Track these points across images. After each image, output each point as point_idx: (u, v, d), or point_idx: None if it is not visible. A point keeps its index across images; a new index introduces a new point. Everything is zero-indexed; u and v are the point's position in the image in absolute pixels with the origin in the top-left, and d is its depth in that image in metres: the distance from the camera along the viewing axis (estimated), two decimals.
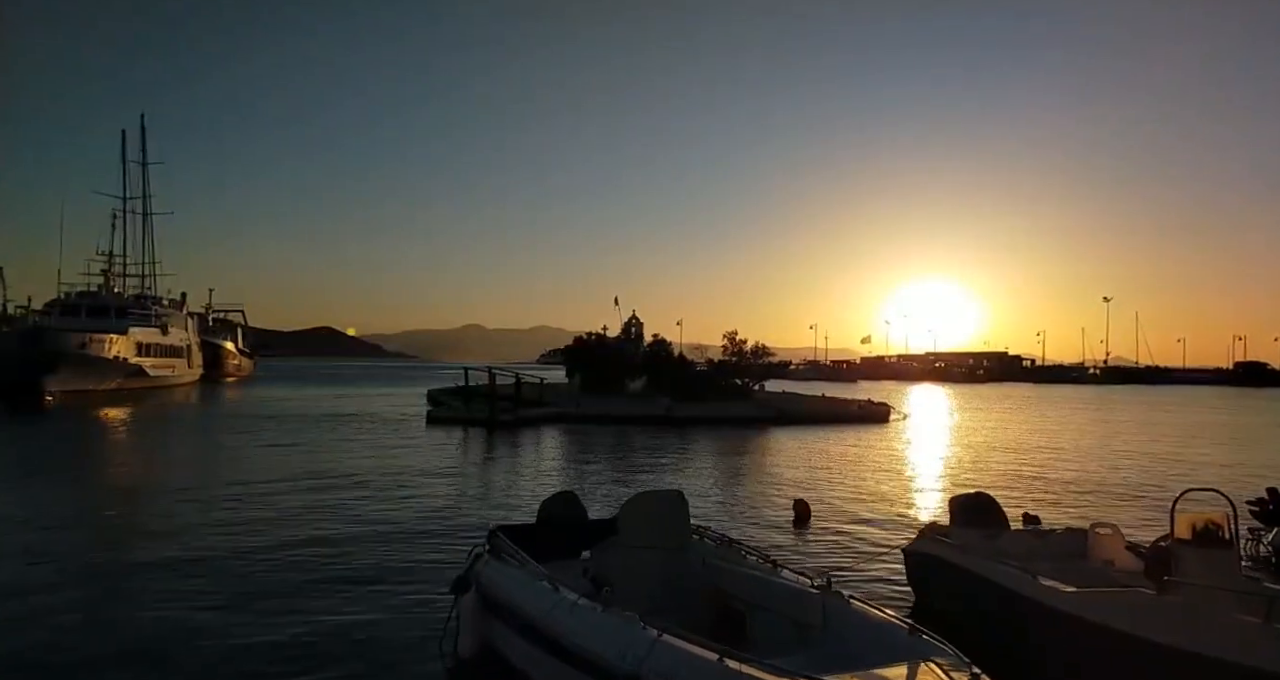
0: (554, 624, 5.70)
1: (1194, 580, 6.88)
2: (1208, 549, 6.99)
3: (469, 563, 7.26)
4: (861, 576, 11.02)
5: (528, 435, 30.41)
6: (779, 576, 6.62)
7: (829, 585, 6.02)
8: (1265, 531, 12.80)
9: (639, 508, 7.08)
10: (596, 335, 49.29)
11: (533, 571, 6.35)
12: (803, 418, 40.08)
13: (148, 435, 31.04)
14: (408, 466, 21.33)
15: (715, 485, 19.43)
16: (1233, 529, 7.15)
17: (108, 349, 49.83)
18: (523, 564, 6.56)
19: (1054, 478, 21.59)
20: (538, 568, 6.33)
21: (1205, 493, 7.88)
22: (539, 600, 5.98)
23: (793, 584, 6.39)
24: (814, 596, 6.02)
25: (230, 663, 7.54)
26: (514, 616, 6.23)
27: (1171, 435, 36.29)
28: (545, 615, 5.80)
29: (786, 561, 11.97)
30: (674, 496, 7.23)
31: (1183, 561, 6.99)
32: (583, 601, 5.66)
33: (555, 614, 5.71)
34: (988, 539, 9.27)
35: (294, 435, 29.12)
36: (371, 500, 16.37)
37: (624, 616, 5.33)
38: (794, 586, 6.34)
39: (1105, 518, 15.47)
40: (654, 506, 7.12)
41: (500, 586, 6.59)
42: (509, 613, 6.33)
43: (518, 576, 6.48)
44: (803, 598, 6.12)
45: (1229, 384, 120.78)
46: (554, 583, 6.02)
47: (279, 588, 10.02)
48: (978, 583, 8.21)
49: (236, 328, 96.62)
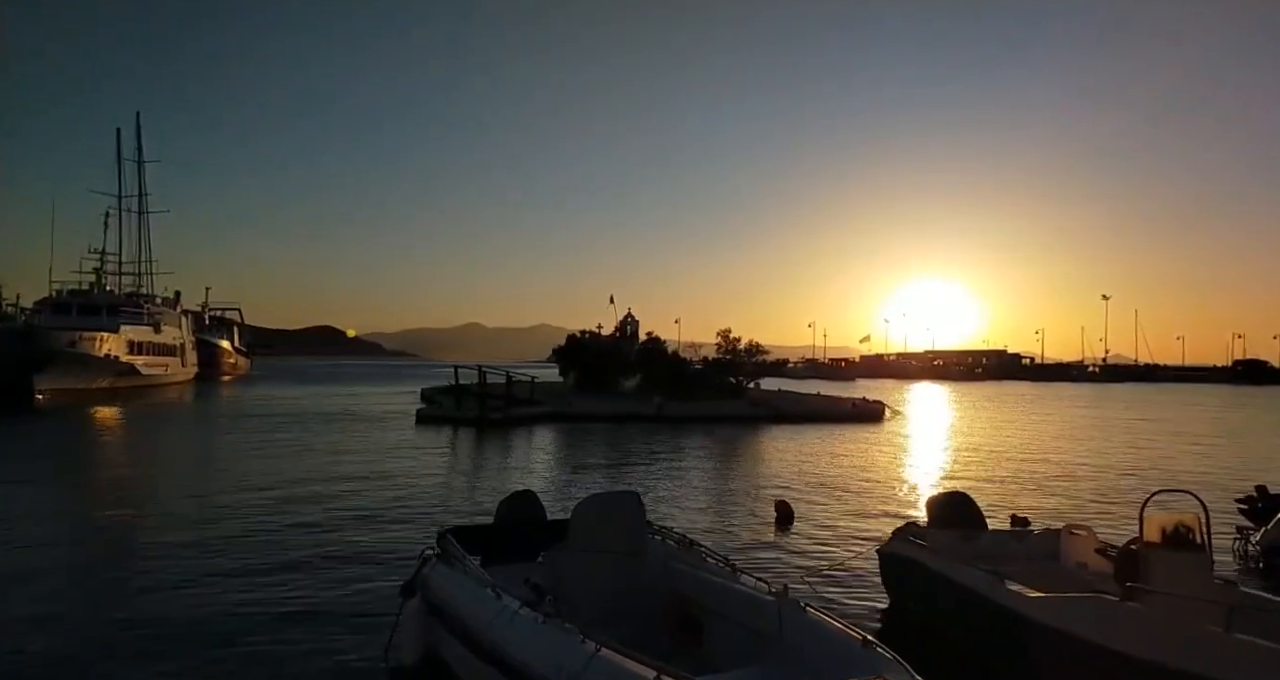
0: (493, 634, 5.47)
1: (1163, 585, 6.65)
2: (1177, 552, 6.76)
3: (417, 566, 7.01)
4: (837, 578, 10.79)
5: (517, 434, 30.15)
6: (737, 582, 6.37)
7: (785, 592, 5.78)
8: (1253, 531, 12.56)
9: (590, 510, 6.78)
10: (590, 333, 49.09)
11: (476, 577, 6.10)
12: (796, 416, 39.83)
13: (129, 435, 30.72)
14: (389, 467, 21.02)
15: (699, 484, 19.19)
16: (1204, 532, 6.91)
17: (98, 347, 49.51)
18: (467, 569, 6.31)
19: (1044, 476, 21.35)
20: (480, 573, 6.08)
21: (1176, 494, 7.64)
22: (480, 608, 5.73)
23: (749, 591, 6.15)
24: (770, 604, 5.78)
25: (166, 661, 7.47)
26: (456, 624, 6.00)
27: (1166, 433, 36.04)
28: (485, 625, 5.56)
29: (764, 564, 11.94)
30: (629, 498, 6.95)
31: (1152, 565, 6.76)
32: (524, 611, 5.42)
33: (495, 624, 5.48)
34: (963, 540, 9.06)
35: (278, 435, 28.86)
36: (342, 501, 16.05)
37: (563, 628, 5.11)
38: (750, 594, 6.11)
39: (1095, 517, 15.42)
40: (606, 509, 6.81)
41: (444, 592, 6.35)
42: (451, 620, 6.09)
43: (461, 582, 6.23)
44: (759, 605, 5.89)
45: (1228, 382, 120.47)
46: (497, 590, 5.76)
47: (222, 589, 9.85)
48: (946, 585, 7.99)
49: (233, 326, 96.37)
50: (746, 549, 12.64)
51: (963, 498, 9.84)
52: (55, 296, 57.82)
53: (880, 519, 15.33)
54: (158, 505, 15.55)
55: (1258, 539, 12.25)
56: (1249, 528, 12.73)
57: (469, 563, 6.35)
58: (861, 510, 16.27)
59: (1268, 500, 12.78)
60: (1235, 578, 11.45)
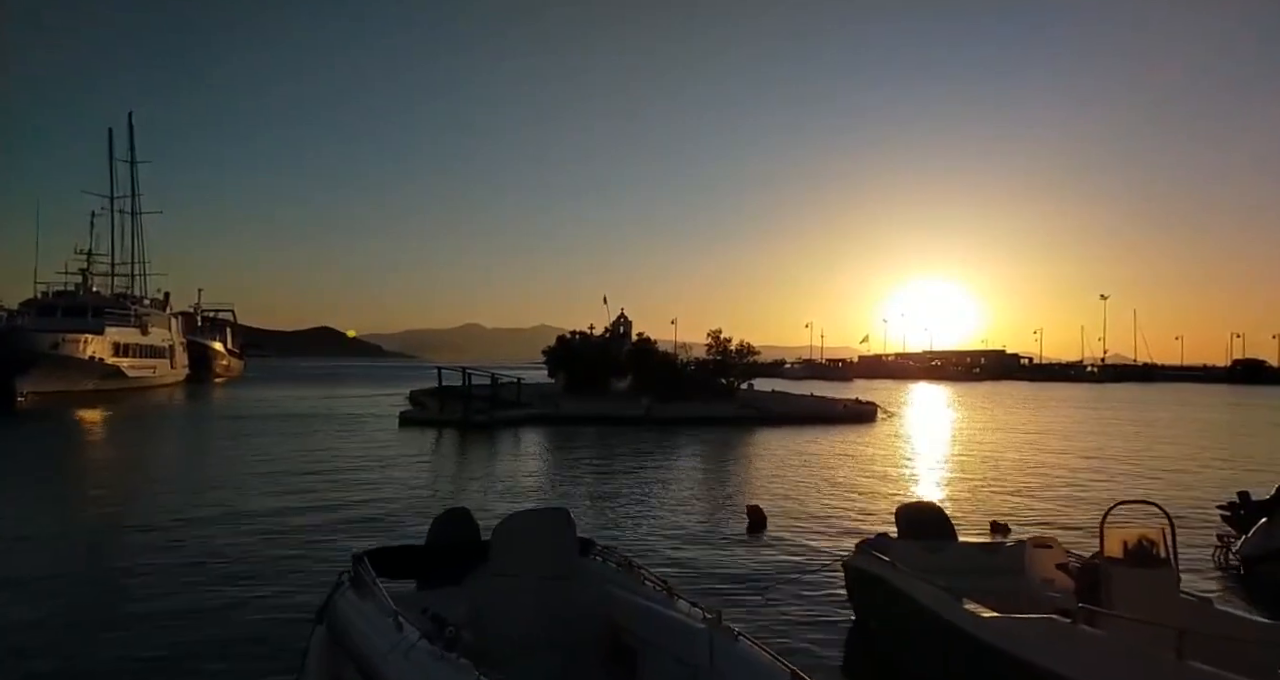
0: (388, 669, 5.02)
1: (1124, 603, 6.25)
2: (1140, 569, 6.36)
3: (329, 591, 6.50)
4: (802, 592, 10.34)
5: (500, 437, 29.78)
6: (672, 608, 5.91)
7: (718, 620, 5.34)
8: (1234, 538, 12.15)
9: (512, 530, 6.25)
10: (581, 334, 48.62)
11: (380, 605, 5.64)
12: (786, 417, 39.40)
13: (100, 439, 30.29)
14: (359, 474, 20.34)
15: (674, 489, 18.78)
16: (1169, 546, 6.51)
17: (82, 349, 49.05)
18: (374, 595, 5.84)
19: (1030, 480, 20.98)
20: (384, 601, 5.60)
21: (1139, 505, 7.24)
22: (379, 640, 5.27)
23: (681, 618, 5.70)
24: (701, 633, 5.35)
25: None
26: (357, 656, 5.54)
27: (1159, 435, 35.68)
28: (382, 658, 5.10)
29: (728, 574, 11.52)
30: (556, 516, 6.45)
31: (1113, 583, 6.36)
32: (421, 644, 4.97)
33: (390, 658, 5.02)
34: (929, 552, 8.63)
35: (253, 439, 28.45)
36: (295, 511, 15.36)
37: (458, 664, 4.67)
38: (682, 621, 5.66)
39: (1080, 524, 14.97)
40: (531, 528, 6.30)
41: (347, 621, 5.87)
42: (353, 652, 5.63)
43: (364, 611, 5.72)
44: (691, 634, 5.46)
45: (1226, 382, 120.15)
46: (400, 620, 5.30)
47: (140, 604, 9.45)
48: (904, 602, 7.59)
49: (226, 327, 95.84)
50: (712, 558, 12.27)
51: (932, 507, 9.46)
52: (41, 298, 57.40)
53: (856, 527, 14.89)
54: (102, 512, 15.24)
55: (1238, 547, 11.85)
56: (1230, 535, 12.32)
57: (377, 588, 5.87)
58: (838, 517, 15.86)
59: (1250, 507, 12.34)
60: (1218, 589, 11.22)
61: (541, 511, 6.90)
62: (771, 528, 14.47)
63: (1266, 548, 11.22)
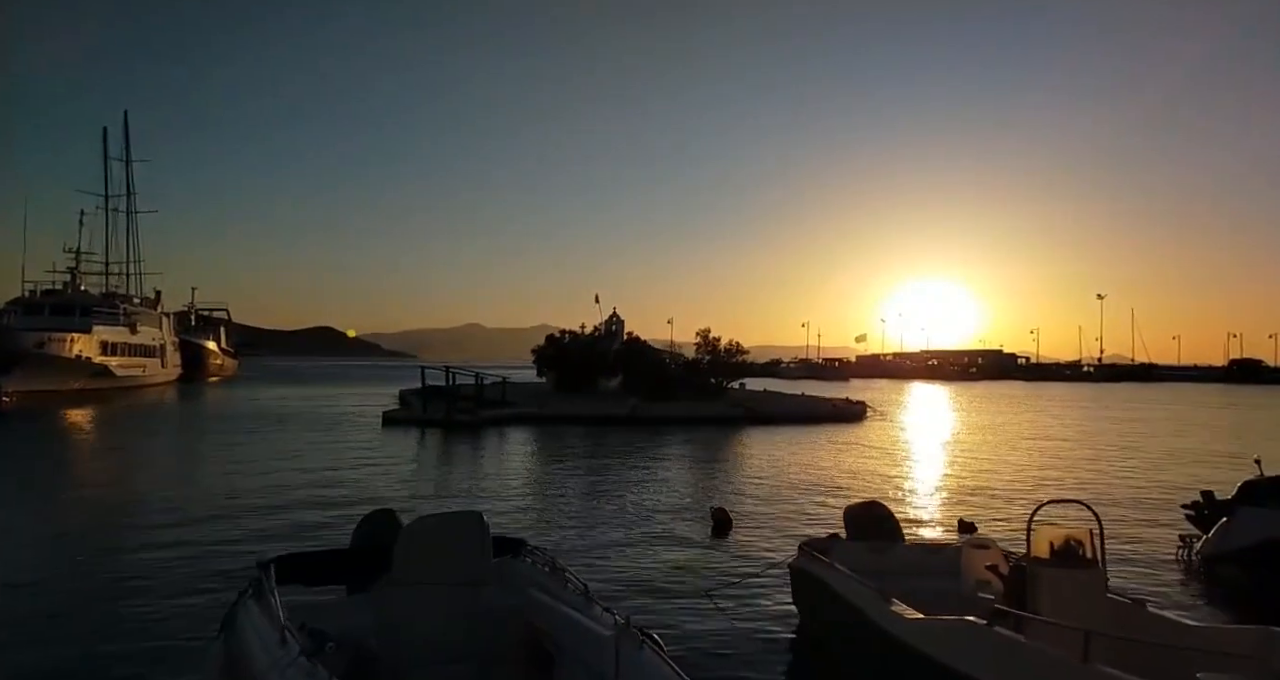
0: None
1: (1049, 605, 6.13)
2: (1066, 570, 6.22)
3: (234, 599, 6.22)
4: (751, 594, 10.16)
5: (482, 437, 29.62)
6: (588, 612, 5.74)
7: (627, 626, 5.17)
8: (1197, 539, 12.02)
9: (419, 536, 6.02)
10: (571, 333, 48.43)
11: (271, 617, 5.43)
12: (774, 417, 39.22)
13: (80, 439, 30.13)
14: (335, 474, 20.17)
15: (646, 489, 18.63)
16: (1096, 546, 6.38)
17: (68, 348, 48.83)
18: (268, 607, 5.59)
19: (1007, 479, 20.86)
20: (275, 613, 5.37)
21: (1068, 504, 7.11)
22: (262, 655, 5.00)
23: (592, 624, 5.52)
24: (608, 640, 5.19)
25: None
26: (244, 672, 5.32)
27: (1145, 433, 35.52)
28: (262, 676, 4.91)
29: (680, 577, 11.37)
30: (467, 520, 6.21)
31: (1039, 584, 6.23)
32: (300, 661, 4.75)
33: (270, 676, 4.83)
34: (872, 553, 8.51)
35: (235, 438, 28.33)
36: (254, 512, 15.08)
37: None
38: (592, 627, 5.49)
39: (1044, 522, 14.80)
40: (440, 534, 6.08)
41: (241, 633, 5.58)
42: (242, 666, 5.41)
43: (257, 623, 5.44)
44: (598, 641, 5.29)
45: (1223, 381, 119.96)
46: (287, 634, 5.07)
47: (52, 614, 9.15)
48: (839, 604, 7.47)
49: (220, 326, 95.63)
50: (670, 561, 12.10)
51: (878, 507, 9.31)
52: (28, 297, 57.16)
53: (822, 528, 14.74)
54: (43, 515, 15.11)
55: (1198, 548, 11.72)
56: (1193, 536, 12.20)
57: (272, 599, 5.64)
58: (805, 518, 15.70)
59: (1214, 506, 12.21)
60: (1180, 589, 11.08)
61: (450, 516, 6.59)
62: (736, 530, 14.33)
63: (1225, 548, 11.11)
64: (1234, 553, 10.92)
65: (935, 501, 18.06)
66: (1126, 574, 11.53)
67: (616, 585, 10.48)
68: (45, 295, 57.33)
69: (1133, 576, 11.37)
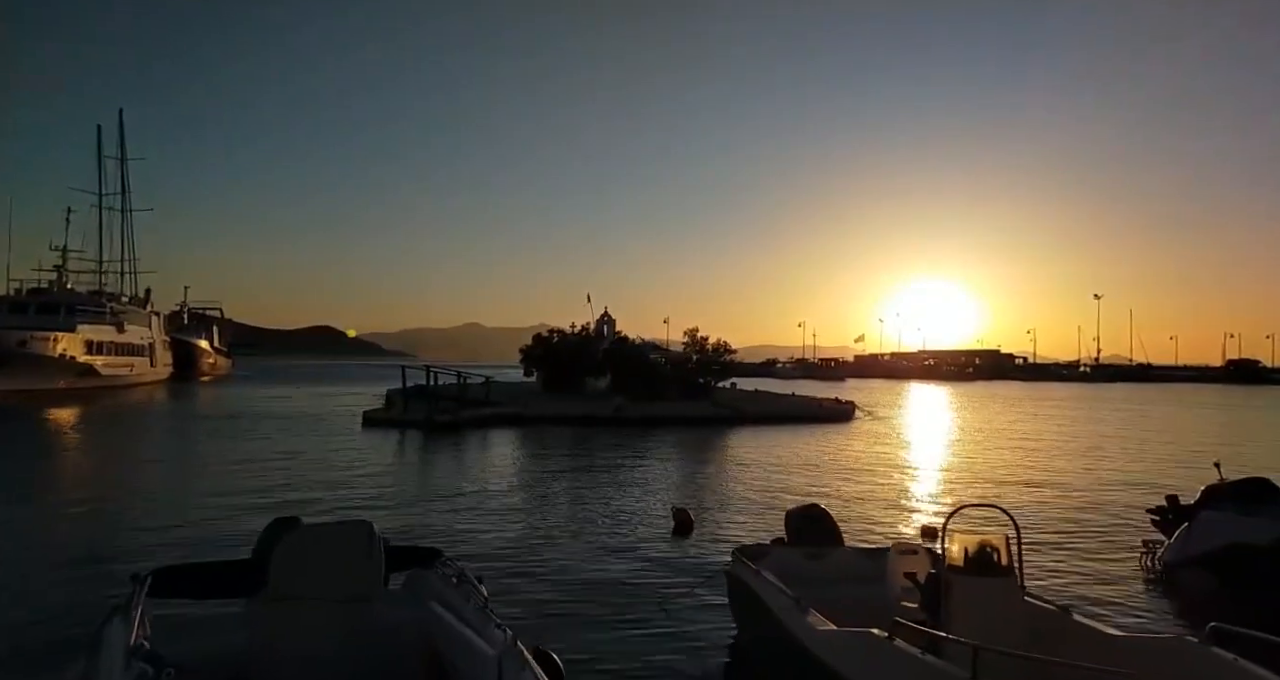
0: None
1: (962, 615, 5.87)
2: (980, 578, 5.96)
3: (103, 617, 5.66)
4: (696, 600, 9.81)
5: (463, 438, 29.34)
6: (483, 630, 5.39)
7: (513, 642, 4.89)
8: (1159, 544, 11.74)
9: (298, 548, 5.59)
10: (558, 332, 48.10)
11: (123, 638, 4.87)
12: (761, 417, 38.95)
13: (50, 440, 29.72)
14: (295, 477, 19.62)
15: (615, 491, 18.36)
16: (1011, 553, 6.11)
17: (52, 347, 48.49)
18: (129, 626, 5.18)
19: (980, 480, 20.59)
20: (129, 632, 5.00)
21: (983, 508, 6.85)
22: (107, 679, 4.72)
23: (484, 642, 5.21)
24: (491, 660, 4.91)
25: None
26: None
27: (1132, 435, 35.25)
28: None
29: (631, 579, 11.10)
30: (355, 530, 5.80)
31: (953, 592, 5.97)
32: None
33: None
34: (808, 558, 8.26)
35: (211, 439, 28.14)
36: (201, 519, 14.51)
37: None
38: (481, 647, 5.19)
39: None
40: (322, 546, 5.68)
41: (95, 654, 5.22)
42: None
43: (111, 643, 4.99)
44: (484, 660, 5.00)
45: (1220, 382, 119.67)
46: (131, 655, 4.63)
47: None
48: (763, 613, 7.21)
49: (213, 325, 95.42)
50: (623, 563, 11.86)
51: (817, 510, 9.03)
52: (13, 295, 56.81)
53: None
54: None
55: (1160, 554, 11.45)
56: (1156, 541, 11.91)
57: (133, 616, 5.23)
58: (770, 520, 15.38)
59: (1179, 511, 11.92)
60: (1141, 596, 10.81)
61: (334, 526, 6.24)
62: (698, 532, 14.08)
63: (1186, 554, 10.84)
64: (1195, 558, 10.65)
65: (903, 504, 17.78)
66: (1089, 579, 11.30)
67: (558, 593, 10.22)
68: (31, 294, 57.03)
69: (1094, 582, 11.14)
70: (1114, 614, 9.76)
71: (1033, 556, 12.69)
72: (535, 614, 9.13)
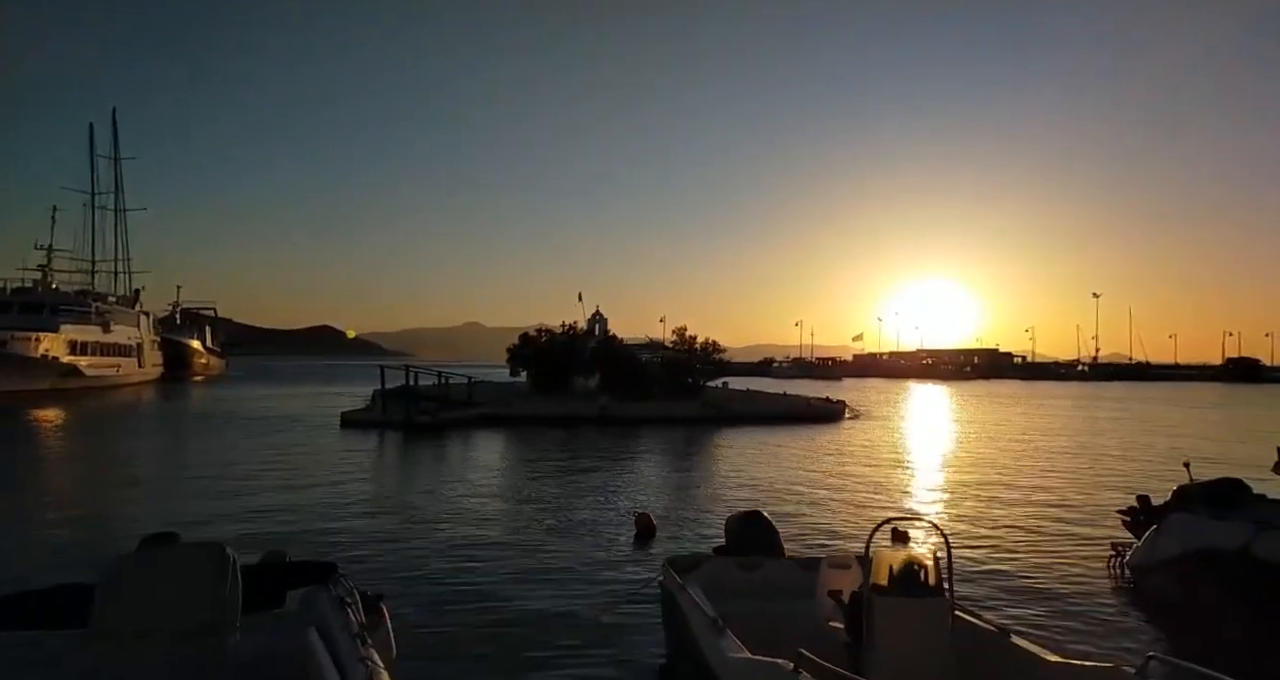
0: None
1: (886, 638, 5.40)
2: (905, 598, 5.48)
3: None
4: (627, 621, 9.12)
5: (442, 440, 28.86)
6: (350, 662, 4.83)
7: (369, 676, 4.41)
8: (1128, 548, 11.27)
9: (127, 575, 4.87)
10: (546, 331, 47.63)
11: None
12: (748, 417, 38.49)
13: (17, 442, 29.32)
14: (252, 482, 18.88)
15: (585, 492, 17.92)
16: (940, 570, 5.63)
17: (34, 348, 47.95)
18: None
19: (956, 481, 20.14)
20: None
21: (911, 521, 6.36)
22: None
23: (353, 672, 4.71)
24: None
25: None
26: None
27: (1122, 434, 34.75)
28: None
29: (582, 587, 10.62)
30: (200, 554, 5.07)
31: (875, 614, 5.49)
32: None
33: None
34: (742, 570, 7.73)
35: (182, 440, 27.74)
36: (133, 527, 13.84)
37: None
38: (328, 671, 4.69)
39: (985, 531, 13.94)
40: (158, 572, 4.96)
41: None
42: None
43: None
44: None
45: (1220, 380, 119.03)
46: None
47: None
48: (684, 631, 6.74)
49: (206, 325, 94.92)
50: (567, 575, 11.29)
51: (756, 517, 8.49)
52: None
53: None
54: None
55: (1128, 558, 10.98)
56: (1125, 544, 11.44)
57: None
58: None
59: (1149, 512, 11.43)
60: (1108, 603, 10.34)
61: (176, 549, 5.39)
62: (660, 538, 13.60)
63: (1153, 558, 10.36)
64: (1162, 563, 10.17)
65: (874, 505, 17.28)
66: (1055, 585, 10.87)
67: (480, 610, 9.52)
68: (15, 293, 56.38)
69: (1059, 589, 10.71)
70: (1073, 623, 9.35)
71: (998, 561, 12.29)
72: (448, 633, 8.59)
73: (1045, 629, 8.98)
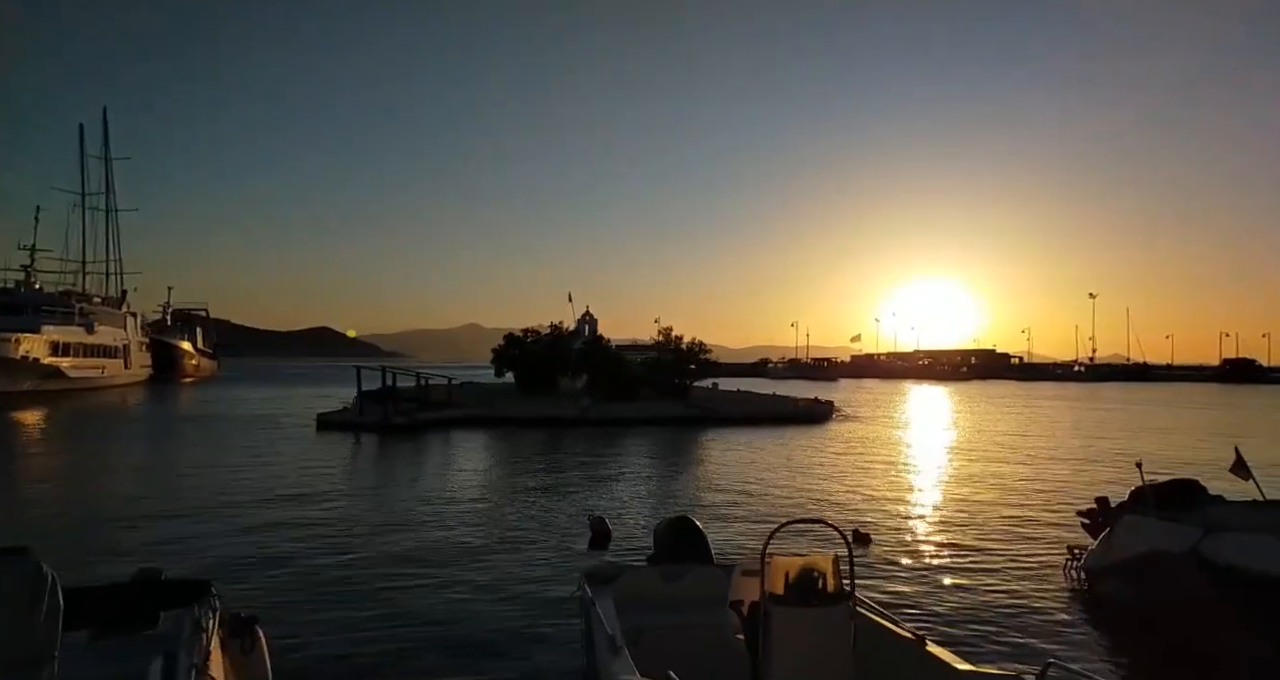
0: None
1: (783, 650, 5.06)
2: (802, 608, 5.14)
3: None
4: (556, 634, 8.75)
5: (420, 441, 28.53)
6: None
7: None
8: (1083, 550, 10.93)
9: None
10: (532, 331, 47.27)
11: None
12: (733, 418, 38.11)
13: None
14: (197, 488, 18.23)
15: (549, 496, 17.58)
16: (840, 577, 5.28)
17: (14, 349, 47.51)
18: None
19: (930, 482, 19.82)
20: None
21: (810, 524, 6.01)
22: None
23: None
24: None
25: None
26: None
27: (1106, 436, 34.39)
28: None
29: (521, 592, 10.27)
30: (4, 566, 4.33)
31: (772, 624, 5.15)
32: None
33: None
34: (663, 580, 7.35)
35: (149, 443, 27.41)
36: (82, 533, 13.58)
37: None
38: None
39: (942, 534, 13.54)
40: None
41: None
42: None
43: None
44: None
45: (1217, 381, 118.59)
46: None
47: None
48: (590, 649, 6.41)
49: (197, 326, 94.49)
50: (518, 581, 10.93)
51: (685, 523, 8.14)
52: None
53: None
54: None
55: (1083, 561, 10.64)
56: (1081, 547, 11.10)
57: None
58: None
59: (1108, 513, 11.10)
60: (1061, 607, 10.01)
61: None
62: (616, 543, 13.25)
63: (1106, 561, 10.02)
64: (1114, 566, 9.83)
65: (849, 507, 16.94)
66: (1009, 589, 10.57)
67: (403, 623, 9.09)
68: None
69: (1015, 593, 10.41)
70: (1019, 628, 9.09)
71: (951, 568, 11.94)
72: (347, 657, 8.04)
73: (988, 637, 8.77)
